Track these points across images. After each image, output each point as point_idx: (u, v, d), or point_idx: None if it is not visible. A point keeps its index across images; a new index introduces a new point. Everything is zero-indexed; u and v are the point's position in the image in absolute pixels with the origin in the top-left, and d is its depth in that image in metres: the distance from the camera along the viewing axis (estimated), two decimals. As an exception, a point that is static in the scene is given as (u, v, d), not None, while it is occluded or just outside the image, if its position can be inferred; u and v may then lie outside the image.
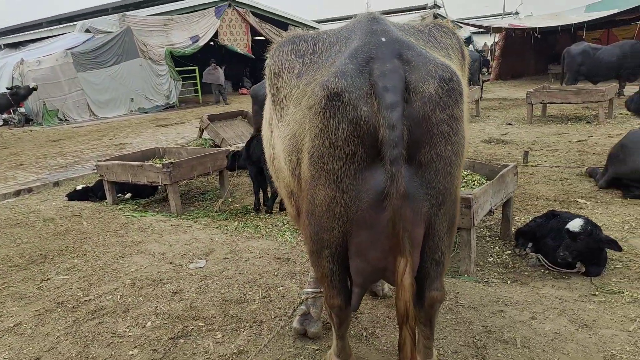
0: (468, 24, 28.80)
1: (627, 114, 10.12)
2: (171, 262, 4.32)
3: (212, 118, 10.79)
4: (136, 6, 28.83)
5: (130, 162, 6.39)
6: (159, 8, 24.20)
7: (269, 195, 6.14)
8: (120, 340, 3.08)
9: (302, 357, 2.79)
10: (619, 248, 3.64)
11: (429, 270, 2.12)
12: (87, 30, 20.73)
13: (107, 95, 19.66)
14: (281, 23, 27.42)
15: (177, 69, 22.10)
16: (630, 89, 12.92)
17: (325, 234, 2.06)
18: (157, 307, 3.49)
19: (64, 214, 6.13)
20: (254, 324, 3.17)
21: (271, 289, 3.66)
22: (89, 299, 3.67)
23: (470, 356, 2.68)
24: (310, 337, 2.93)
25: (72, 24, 23.48)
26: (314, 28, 30.09)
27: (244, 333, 3.08)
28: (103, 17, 22.80)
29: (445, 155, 1.94)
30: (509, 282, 3.75)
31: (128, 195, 7.13)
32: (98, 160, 6.84)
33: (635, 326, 2.87)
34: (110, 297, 3.70)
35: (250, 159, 5.95)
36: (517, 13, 40.77)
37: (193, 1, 24.65)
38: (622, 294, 3.35)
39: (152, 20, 22.23)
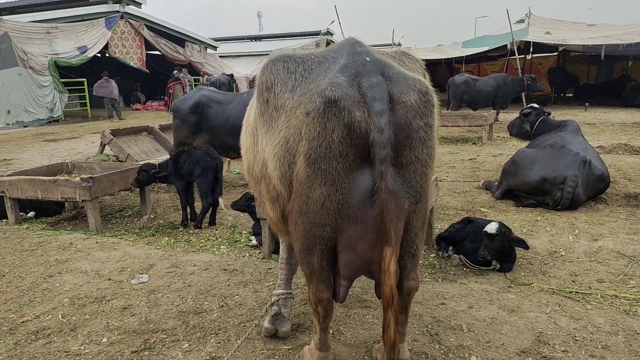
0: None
1: (505, 137, 11.68)
2: (109, 279, 4.12)
3: (115, 133, 10.26)
4: (11, 11, 26.29)
5: (40, 177, 5.91)
6: (41, 15, 22.30)
7: (197, 211, 6.09)
8: (78, 358, 2.92)
9: (275, 357, 2.90)
10: (527, 247, 4.30)
11: (406, 262, 2.42)
12: (-46, 33, 18.45)
13: (-23, 106, 17.55)
14: (178, 39, 26.84)
15: (62, 80, 20.44)
16: (503, 117, 14.89)
17: (318, 231, 2.26)
18: (108, 323, 3.34)
19: (-41, 235, 5.45)
20: (219, 332, 3.20)
21: (227, 298, 3.70)
22: (26, 320, 3.38)
23: (427, 342, 3.02)
24: (281, 336, 3.06)
25: None
26: (212, 46, 29.89)
27: (212, 340, 3.10)
28: (-27, 20, 20.42)
29: (422, 158, 2.27)
30: (440, 280, 4.23)
31: (31, 213, 6.55)
32: (-1, 175, 6.20)
33: (550, 309, 3.45)
34: (51, 316, 3.45)
35: (179, 173, 5.86)
36: (399, 44, 44.37)
37: (80, 10, 23.15)
38: (532, 285, 3.97)
39: (33, 27, 20.41)
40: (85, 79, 21.99)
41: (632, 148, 9.69)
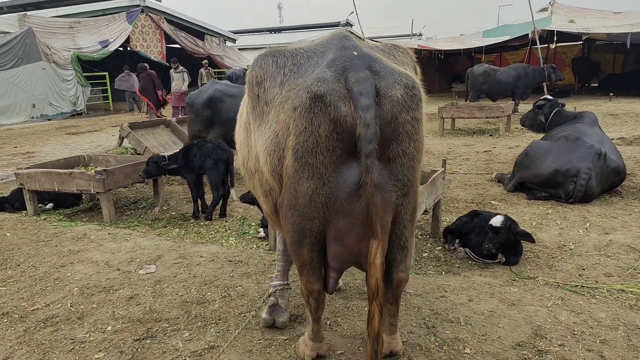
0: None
1: (523, 129, 11.45)
2: (118, 269, 4.24)
3: (133, 126, 10.41)
4: (36, 6, 26.88)
5: (57, 170, 6.08)
6: (64, 10, 22.76)
7: (207, 203, 6.19)
8: (82, 345, 3.03)
9: (272, 347, 2.96)
10: (533, 240, 4.25)
11: (396, 255, 2.43)
12: (-20, 30, 18.98)
13: (4, 101, 18.07)
14: (197, 32, 27.04)
15: (85, 74, 20.89)
16: (523, 107, 14.60)
17: (307, 224, 2.29)
18: (114, 312, 3.45)
19: (-19, 226, 5.67)
20: (219, 321, 3.28)
21: (230, 289, 3.77)
22: (37, 309, 3.52)
23: (423, 335, 3.03)
24: (279, 326, 3.11)
25: (-39, 21, 21.30)
26: (231, 38, 30.03)
27: (211, 330, 3.17)
28: (-1, 16, 20.99)
29: (409, 151, 2.27)
30: (443, 273, 4.22)
31: (50, 205, 6.75)
32: (18, 168, 6.41)
33: (552, 303, 3.41)
34: (60, 305, 3.58)
35: (189, 166, 5.95)
36: (420, 35, 43.78)
37: (102, 4, 23.53)
38: (536, 279, 3.93)
39: (56, 22, 20.85)
40: (107, 73, 22.41)
41: (654, 139, 9.40)
